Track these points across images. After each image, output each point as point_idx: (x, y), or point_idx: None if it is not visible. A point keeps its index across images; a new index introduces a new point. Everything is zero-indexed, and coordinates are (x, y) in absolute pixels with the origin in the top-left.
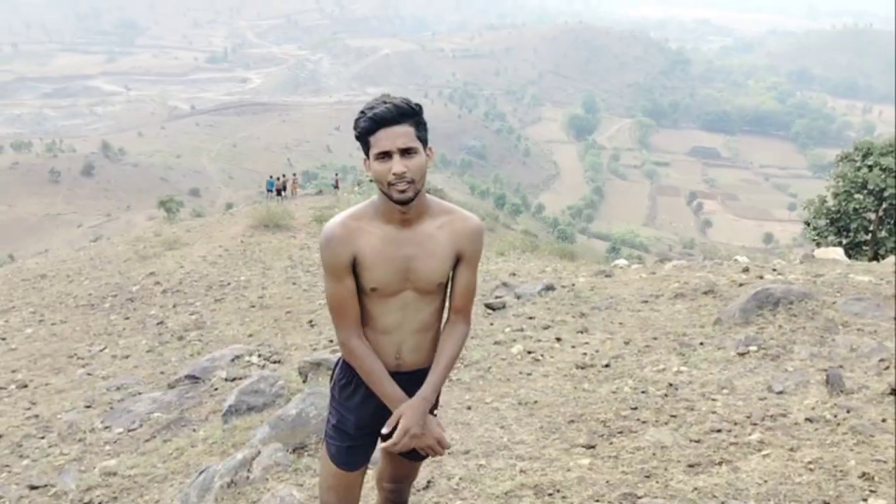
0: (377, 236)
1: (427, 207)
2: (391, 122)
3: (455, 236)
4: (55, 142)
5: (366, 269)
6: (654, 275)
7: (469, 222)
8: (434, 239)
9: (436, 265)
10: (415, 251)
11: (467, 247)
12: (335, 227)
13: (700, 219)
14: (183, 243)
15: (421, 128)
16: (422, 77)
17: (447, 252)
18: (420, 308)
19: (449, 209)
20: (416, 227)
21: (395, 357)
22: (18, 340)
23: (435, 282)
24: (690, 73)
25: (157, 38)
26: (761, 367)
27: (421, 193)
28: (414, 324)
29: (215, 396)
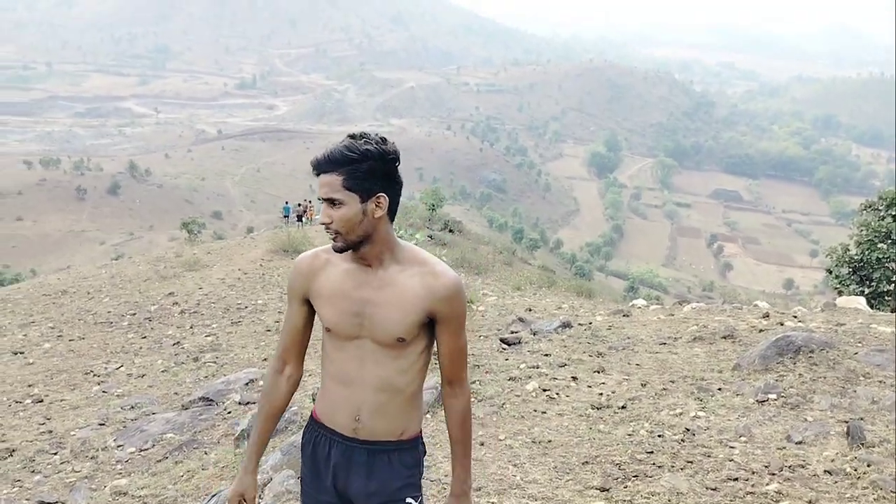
0: (339, 272)
1: (397, 254)
2: (321, 169)
3: (427, 293)
4: (83, 160)
5: (320, 305)
6: (672, 316)
7: (442, 278)
8: (398, 287)
9: (395, 316)
10: (373, 296)
11: (442, 307)
12: (304, 257)
13: (720, 261)
14: (203, 265)
15: (355, 176)
16: (445, 110)
17: (412, 305)
18: (380, 362)
19: (423, 260)
20: (379, 272)
21: (354, 418)
22: (36, 355)
23: (393, 334)
24: (714, 115)
25: (189, 63)
26: (780, 416)
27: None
28: (373, 379)
29: (228, 420)
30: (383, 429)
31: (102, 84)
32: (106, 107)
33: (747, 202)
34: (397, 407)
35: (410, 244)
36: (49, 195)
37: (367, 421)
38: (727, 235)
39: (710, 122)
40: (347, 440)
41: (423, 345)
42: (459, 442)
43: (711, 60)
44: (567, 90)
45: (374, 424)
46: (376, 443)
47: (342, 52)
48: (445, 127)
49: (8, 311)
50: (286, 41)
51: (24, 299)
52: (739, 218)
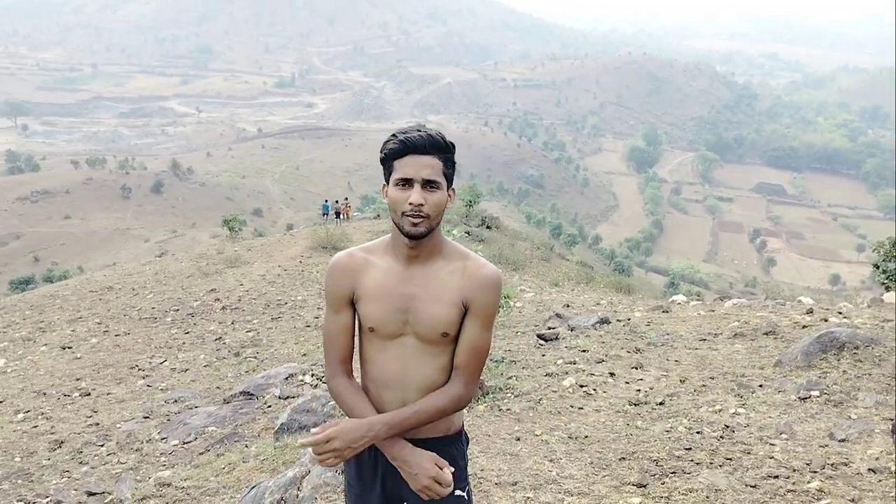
0: (381, 270)
1: (441, 249)
2: (421, 150)
3: (464, 282)
4: (128, 159)
5: (364, 304)
6: (713, 312)
7: (482, 269)
8: (441, 282)
9: (440, 310)
10: (418, 291)
11: (476, 296)
12: (341, 257)
13: (763, 257)
14: (244, 262)
15: (449, 165)
16: (482, 105)
17: (453, 298)
18: (423, 361)
19: (465, 254)
20: (424, 267)
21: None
22: (84, 350)
23: (437, 329)
24: (757, 108)
25: (229, 62)
26: (823, 413)
27: (435, 232)
28: (417, 378)
29: (268, 413)
30: (429, 426)
31: (146, 84)
32: (149, 107)
33: (791, 196)
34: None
35: (452, 241)
36: (95, 194)
37: None
38: (770, 230)
39: (753, 115)
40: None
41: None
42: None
43: (754, 51)
44: (605, 84)
45: None
46: (423, 441)
47: (379, 49)
48: (482, 123)
49: (56, 307)
50: (324, 39)
51: (72, 295)
52: (783, 212)
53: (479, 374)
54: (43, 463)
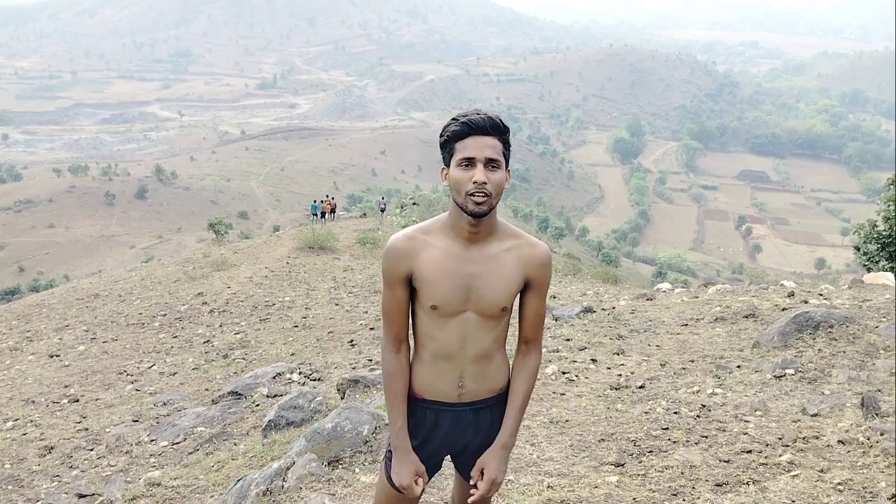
0: (441, 251)
1: (496, 228)
2: (482, 131)
3: (524, 262)
4: (111, 166)
5: (426, 285)
6: (696, 299)
7: (538, 249)
8: (500, 260)
9: (501, 287)
10: (479, 270)
11: (537, 274)
12: (399, 239)
13: (749, 243)
14: (230, 265)
15: (507, 147)
16: (466, 101)
17: (514, 276)
18: (481, 334)
19: (517, 233)
20: (482, 246)
21: (457, 385)
22: (72, 357)
23: (498, 305)
24: (738, 95)
25: (209, 65)
26: (797, 390)
27: (493, 212)
28: (475, 350)
29: (256, 412)
30: (485, 388)
31: (126, 90)
32: (130, 112)
33: (775, 182)
34: (492, 370)
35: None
36: (79, 201)
37: (471, 386)
38: (756, 217)
39: (735, 103)
40: (452, 406)
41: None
42: (523, 394)
43: (734, 40)
44: (588, 77)
45: (477, 387)
46: (479, 402)
47: (361, 47)
48: None
49: (43, 315)
50: (305, 39)
51: (59, 304)
52: (767, 199)
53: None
54: (33, 469)
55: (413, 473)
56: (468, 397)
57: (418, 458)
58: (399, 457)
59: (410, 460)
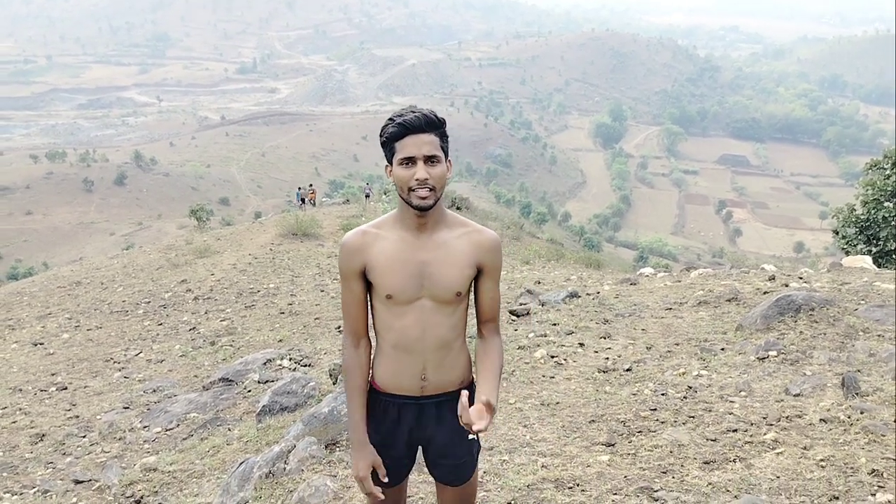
0: (392, 241)
1: (444, 218)
2: (418, 129)
3: (474, 248)
4: (89, 152)
5: (379, 275)
6: (679, 283)
7: (486, 234)
8: (450, 246)
9: (453, 272)
10: (430, 257)
11: (488, 258)
12: (351, 236)
13: (730, 227)
14: (213, 251)
15: (444, 139)
16: (448, 86)
17: (465, 261)
18: (438, 321)
19: (464, 222)
20: (432, 235)
21: (420, 377)
22: (56, 345)
23: (452, 290)
24: (719, 80)
25: (188, 49)
26: (780, 372)
27: (439, 203)
28: (434, 339)
29: (248, 398)
30: (447, 380)
31: (103, 75)
32: (108, 97)
33: (755, 167)
34: (454, 359)
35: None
36: (57, 188)
37: (433, 378)
38: (736, 201)
39: (715, 87)
40: (415, 399)
41: (467, 300)
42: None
43: (714, 25)
44: (570, 61)
45: (439, 379)
46: (442, 394)
47: (342, 31)
48: (448, 103)
49: (24, 303)
50: (284, 23)
51: (40, 292)
52: (747, 183)
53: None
54: (26, 456)
55: (369, 466)
56: (430, 390)
57: (388, 453)
58: (356, 448)
59: (367, 452)
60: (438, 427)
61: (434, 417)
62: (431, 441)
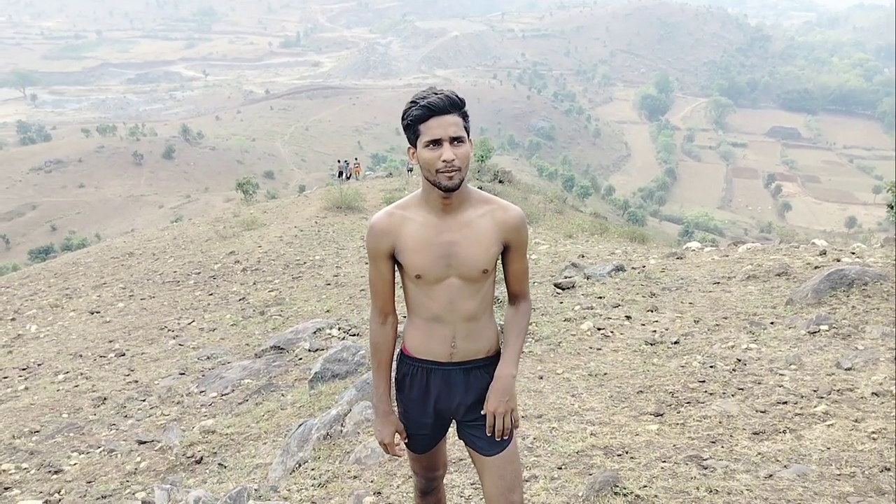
0: (419, 223)
1: (468, 196)
2: (443, 111)
3: (499, 226)
4: (138, 126)
5: (408, 256)
6: (726, 257)
7: (511, 212)
8: (475, 226)
9: (479, 251)
10: (456, 237)
11: (513, 236)
12: (380, 217)
13: (779, 202)
14: (260, 224)
15: (466, 119)
16: (490, 58)
17: (491, 239)
18: (466, 296)
19: (488, 199)
20: (457, 215)
21: (450, 344)
22: (112, 314)
23: (479, 268)
24: (770, 50)
25: (233, 24)
26: (831, 346)
27: (464, 182)
28: (463, 312)
29: (300, 365)
30: (474, 349)
31: (151, 49)
32: (156, 72)
33: (806, 139)
34: (481, 330)
35: (472, 187)
36: (108, 162)
37: (462, 346)
38: (785, 174)
39: (766, 58)
40: (444, 366)
41: (493, 275)
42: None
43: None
44: (615, 32)
45: (468, 347)
46: (469, 362)
47: (384, 4)
48: (491, 76)
49: (80, 273)
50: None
51: (95, 262)
52: (798, 156)
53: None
54: (90, 418)
55: (393, 433)
56: (459, 356)
57: (418, 420)
58: (380, 417)
59: (391, 420)
60: (466, 393)
61: (462, 385)
62: (460, 406)
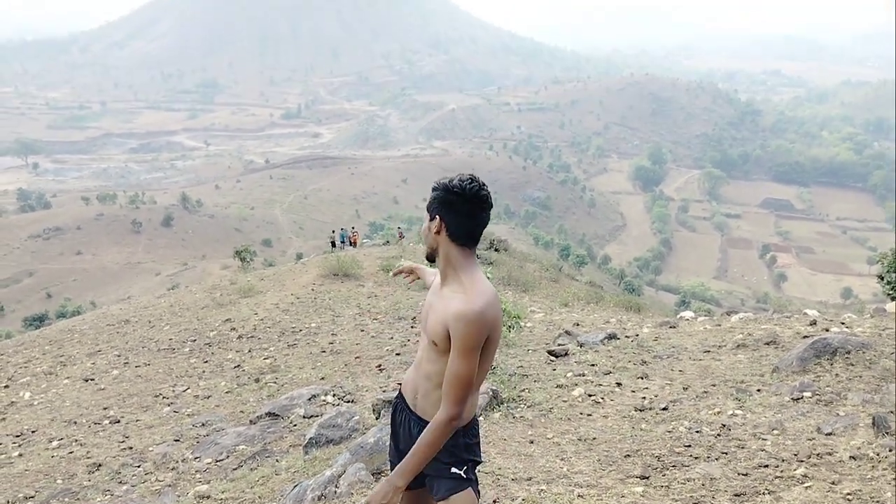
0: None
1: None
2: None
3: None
4: (138, 194)
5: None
6: (719, 327)
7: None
8: (443, 301)
9: (434, 322)
10: (433, 303)
11: (451, 324)
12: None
13: (774, 272)
14: (257, 291)
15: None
16: (487, 130)
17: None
18: (429, 358)
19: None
20: (444, 286)
21: (414, 395)
22: (107, 381)
23: (430, 337)
24: (761, 124)
25: (236, 95)
26: (814, 412)
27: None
28: (424, 369)
29: (294, 431)
30: (430, 411)
31: (154, 120)
32: (158, 141)
33: (799, 211)
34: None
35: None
36: (106, 229)
37: (420, 401)
38: (780, 245)
39: (757, 131)
40: (410, 412)
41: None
42: (419, 447)
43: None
44: (609, 105)
45: (425, 405)
46: (425, 421)
47: (383, 78)
48: (487, 147)
49: (75, 341)
50: (329, 70)
51: (90, 329)
52: (792, 227)
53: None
54: (84, 483)
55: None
56: (419, 410)
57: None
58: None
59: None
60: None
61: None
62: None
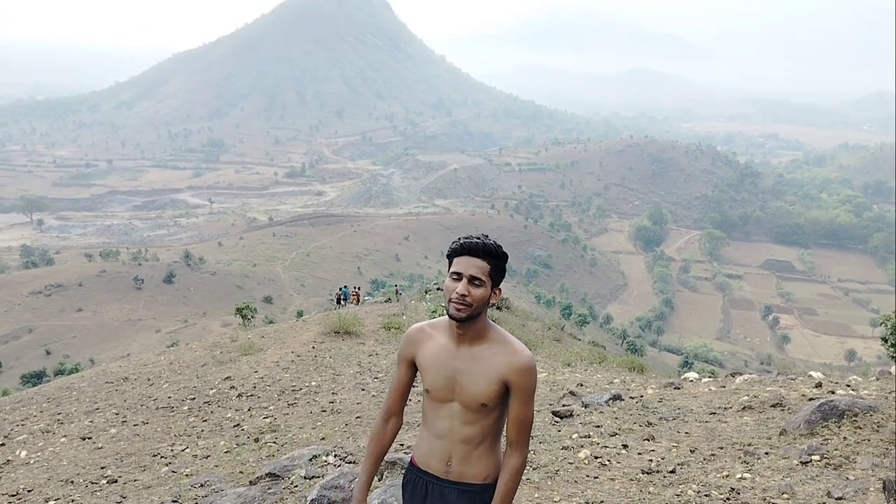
0: (439, 344)
1: (487, 334)
2: (473, 252)
3: (504, 365)
4: (141, 251)
5: (423, 370)
6: (723, 388)
7: (518, 356)
8: (483, 361)
9: (480, 384)
10: (463, 366)
11: (515, 378)
12: (413, 328)
13: (777, 334)
14: (257, 349)
15: (496, 270)
16: (488, 189)
17: (492, 376)
18: (467, 422)
19: (506, 340)
20: (470, 347)
21: (446, 463)
22: (104, 440)
23: (478, 400)
24: (760, 186)
25: (240, 154)
26: (823, 475)
27: (480, 319)
28: (461, 435)
29: (295, 493)
30: (470, 473)
31: (159, 178)
32: (162, 199)
33: (800, 272)
34: (480, 456)
35: (499, 326)
36: (108, 286)
37: (457, 466)
38: (782, 306)
39: (757, 193)
40: (441, 481)
41: (500, 411)
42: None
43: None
44: (608, 166)
45: (463, 469)
46: (464, 483)
47: (387, 138)
48: (489, 206)
49: (73, 398)
50: (333, 131)
51: (88, 387)
52: (793, 288)
53: (527, 441)
54: None
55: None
56: (454, 476)
57: None
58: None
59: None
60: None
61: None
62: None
